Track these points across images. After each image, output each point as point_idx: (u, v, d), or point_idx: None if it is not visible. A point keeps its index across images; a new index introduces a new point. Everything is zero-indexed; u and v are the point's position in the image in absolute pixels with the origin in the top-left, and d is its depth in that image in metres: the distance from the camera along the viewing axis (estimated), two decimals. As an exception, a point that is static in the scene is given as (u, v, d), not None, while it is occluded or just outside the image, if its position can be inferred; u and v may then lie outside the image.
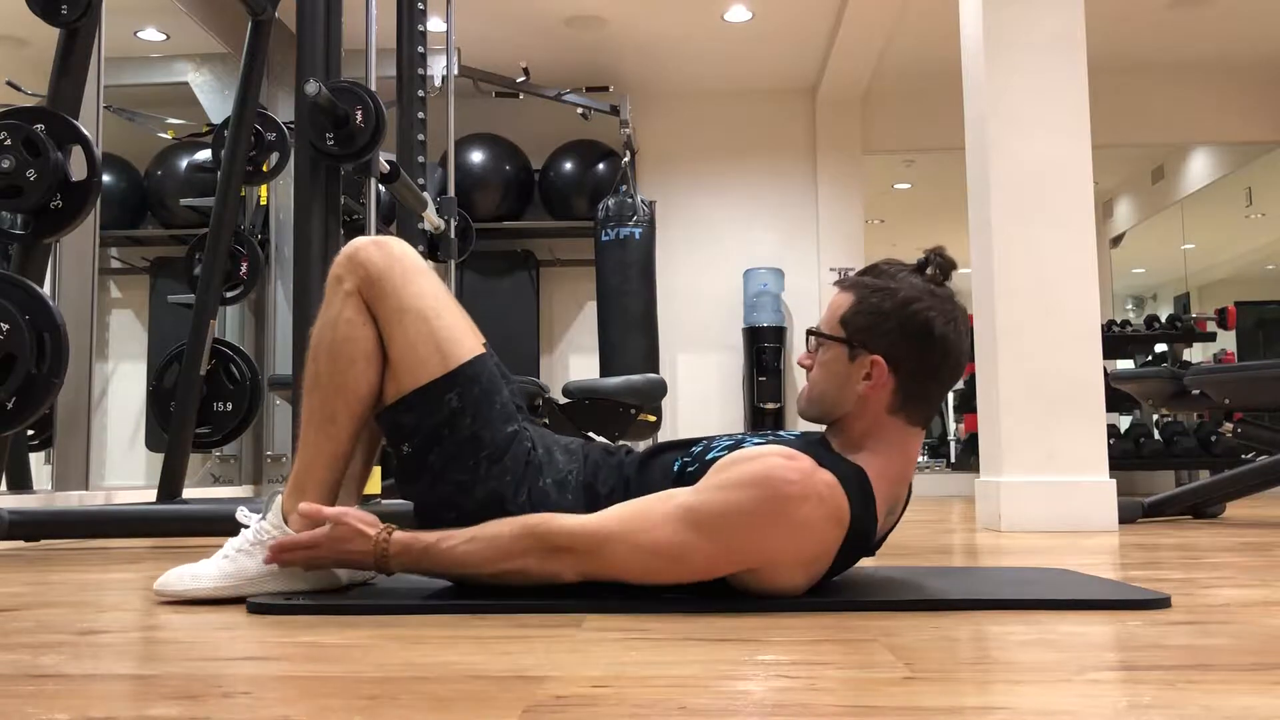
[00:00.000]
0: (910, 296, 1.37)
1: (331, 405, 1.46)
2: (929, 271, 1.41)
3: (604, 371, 5.34)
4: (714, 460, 1.36)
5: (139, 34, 5.04)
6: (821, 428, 1.47)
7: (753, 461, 1.29)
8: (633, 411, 3.87)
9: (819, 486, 1.28)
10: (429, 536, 1.36)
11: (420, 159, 3.48)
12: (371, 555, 1.36)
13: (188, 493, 3.41)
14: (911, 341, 1.36)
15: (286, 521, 1.46)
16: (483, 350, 1.49)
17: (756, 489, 1.26)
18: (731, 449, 1.38)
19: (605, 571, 1.30)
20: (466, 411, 1.43)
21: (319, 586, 1.46)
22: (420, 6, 3.55)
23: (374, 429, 1.54)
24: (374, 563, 1.37)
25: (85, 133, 2.49)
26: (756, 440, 1.42)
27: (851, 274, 1.45)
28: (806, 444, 1.39)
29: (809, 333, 1.45)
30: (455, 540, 1.34)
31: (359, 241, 1.50)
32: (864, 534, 1.34)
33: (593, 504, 1.42)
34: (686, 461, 1.44)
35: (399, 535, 1.37)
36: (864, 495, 1.33)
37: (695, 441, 1.49)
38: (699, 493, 1.30)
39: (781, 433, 1.51)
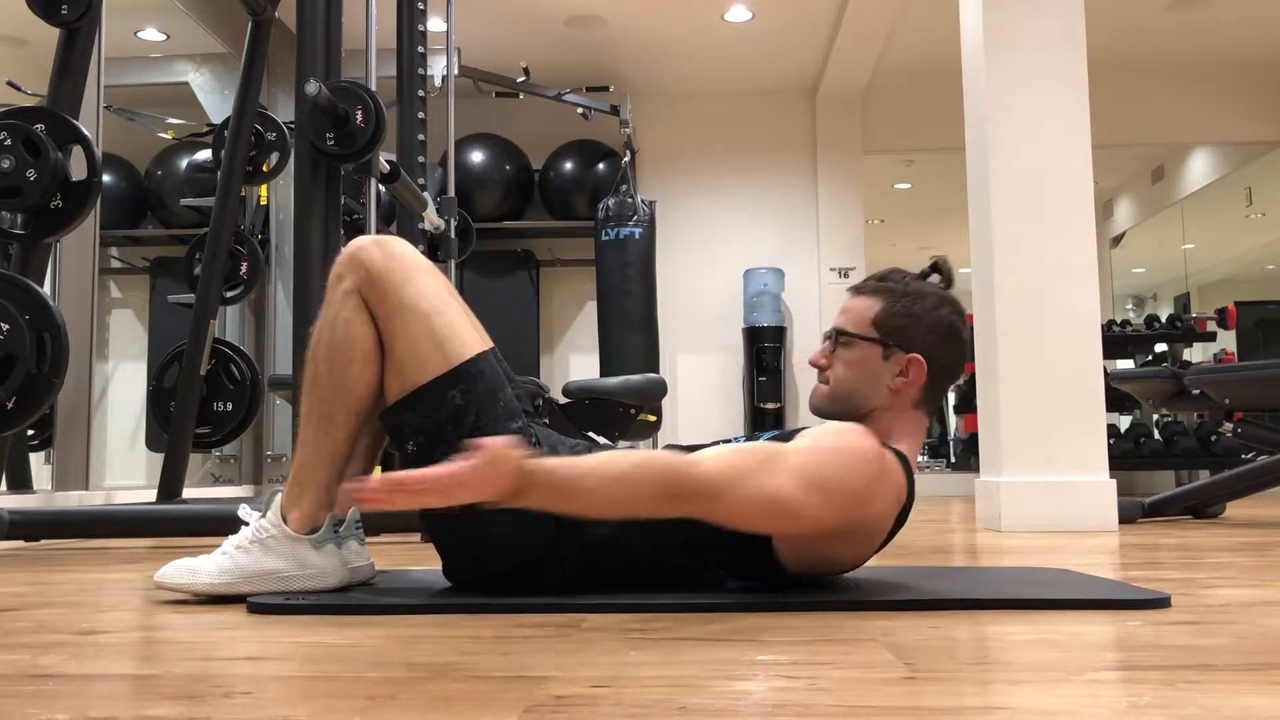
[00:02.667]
0: (937, 301, 1.50)
1: (330, 404, 1.46)
2: (936, 278, 1.54)
3: (604, 371, 5.34)
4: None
5: (139, 34, 5.04)
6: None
7: (855, 435, 1.37)
8: (633, 411, 3.87)
9: (895, 466, 1.39)
10: (567, 471, 1.24)
11: (420, 159, 3.48)
12: (511, 488, 1.21)
13: (188, 493, 3.41)
14: (940, 341, 1.48)
15: (285, 520, 1.46)
16: (485, 348, 1.48)
17: (866, 459, 1.34)
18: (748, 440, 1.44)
19: (715, 517, 1.29)
20: (470, 408, 1.43)
21: (319, 586, 1.46)
22: (420, 6, 3.55)
23: (375, 429, 1.53)
24: (509, 496, 1.21)
25: (85, 133, 2.49)
26: (777, 435, 1.47)
27: (867, 281, 1.54)
28: None
29: (838, 333, 1.50)
30: (598, 478, 1.24)
31: (360, 241, 1.50)
32: (905, 516, 1.44)
33: None
34: None
35: (542, 467, 1.22)
36: (911, 478, 1.43)
37: (702, 447, 1.50)
38: (806, 452, 1.33)
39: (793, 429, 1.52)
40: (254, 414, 3.56)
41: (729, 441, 1.53)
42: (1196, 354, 7.01)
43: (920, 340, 1.46)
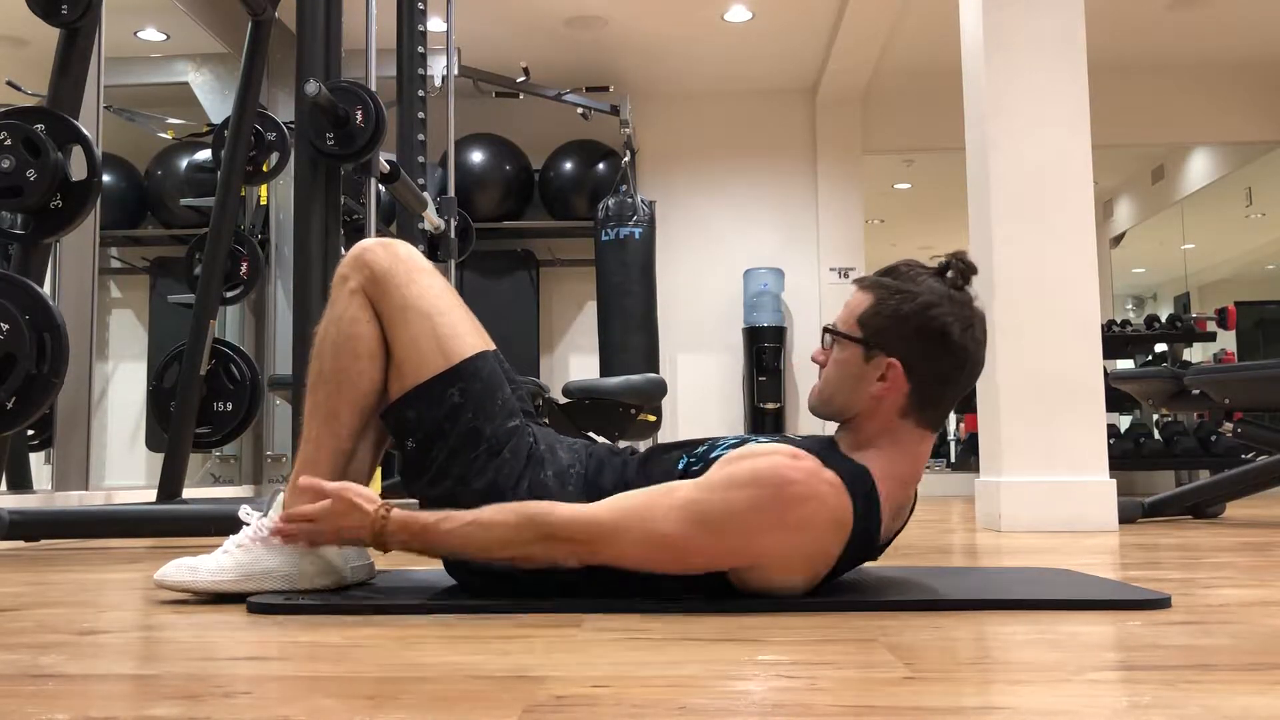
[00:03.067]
0: (929, 301, 1.36)
1: (334, 401, 1.48)
2: (949, 275, 1.40)
3: (604, 371, 5.34)
4: (718, 458, 1.36)
5: (139, 34, 5.04)
6: (831, 428, 1.47)
7: (757, 459, 1.30)
8: (633, 411, 3.87)
9: (822, 487, 1.28)
10: (429, 516, 1.35)
11: (420, 159, 3.48)
12: (369, 531, 1.36)
13: (188, 493, 3.41)
14: (928, 346, 1.35)
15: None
16: (485, 348, 1.50)
17: (759, 487, 1.26)
18: (736, 447, 1.38)
19: (604, 560, 1.31)
20: (468, 406, 1.44)
21: (319, 586, 1.46)
22: (420, 6, 3.55)
23: (378, 428, 1.54)
24: (371, 539, 1.37)
25: (85, 133, 2.49)
26: (763, 440, 1.42)
27: (872, 274, 1.44)
28: (814, 444, 1.39)
29: (825, 330, 1.44)
30: (455, 522, 1.33)
31: (365, 242, 1.53)
32: (867, 536, 1.34)
33: (594, 499, 1.42)
34: (691, 460, 1.44)
35: (398, 513, 1.36)
36: (868, 497, 1.32)
37: (700, 442, 1.49)
38: (701, 488, 1.30)
39: (790, 435, 1.51)
40: (254, 414, 3.55)
41: (697, 442, 1.51)
42: (1196, 354, 7.01)
43: (901, 343, 1.35)
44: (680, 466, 1.44)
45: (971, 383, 1.41)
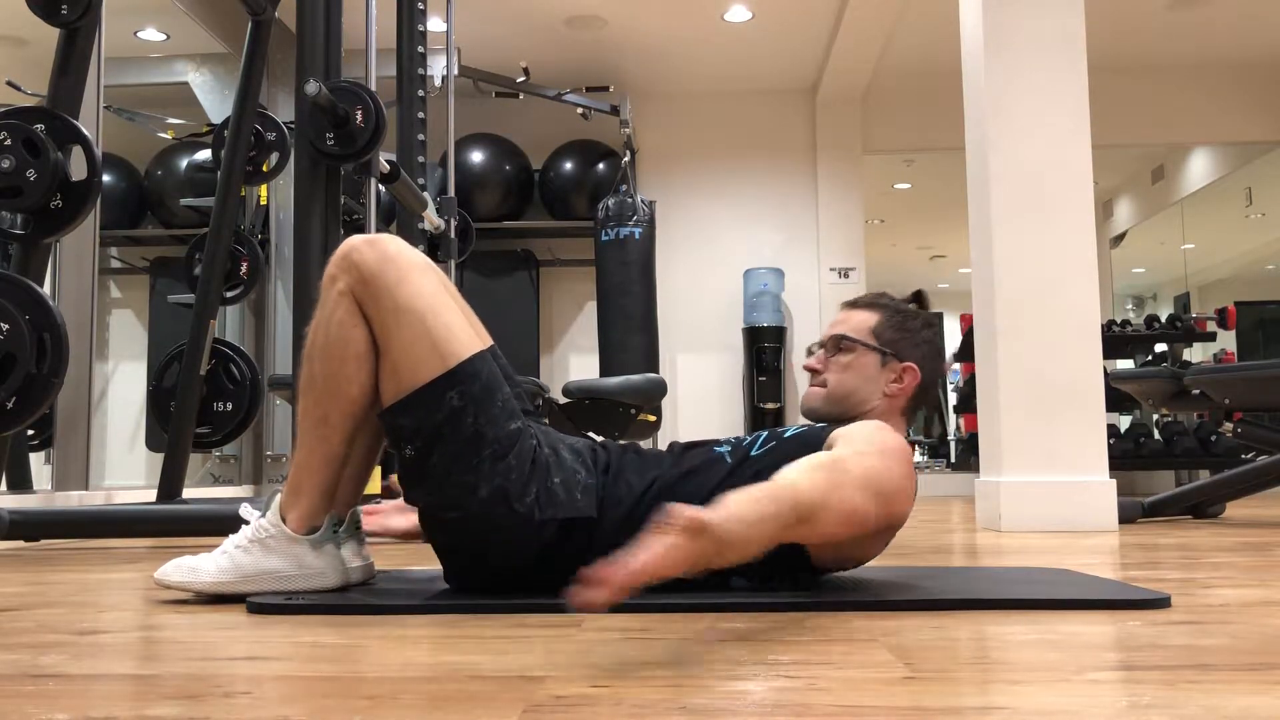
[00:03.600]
0: (927, 320, 1.65)
1: (325, 406, 1.45)
2: (916, 304, 1.68)
3: (604, 371, 5.34)
4: (764, 449, 1.48)
5: (139, 34, 5.04)
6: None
7: (890, 432, 1.46)
8: (633, 411, 3.87)
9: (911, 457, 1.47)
10: (740, 525, 1.12)
11: (420, 159, 3.48)
12: (699, 561, 1.08)
13: (188, 493, 3.41)
14: (930, 354, 1.61)
15: (284, 521, 1.46)
16: (483, 347, 1.46)
17: (903, 456, 1.42)
18: (770, 439, 1.51)
19: (808, 537, 1.30)
20: (468, 409, 1.40)
21: (319, 586, 1.46)
22: (420, 6, 3.55)
23: (374, 430, 1.52)
24: (706, 563, 1.09)
25: (85, 133, 2.49)
26: (790, 432, 1.54)
27: (863, 298, 1.68)
28: None
29: (843, 339, 1.60)
30: (759, 525, 1.16)
31: (353, 240, 1.48)
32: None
33: (605, 506, 1.42)
34: (728, 451, 1.51)
35: (727, 529, 1.10)
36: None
37: (719, 442, 1.56)
38: (865, 458, 1.37)
39: (794, 428, 1.59)
40: (254, 414, 3.56)
41: (725, 440, 1.55)
42: (1196, 354, 7.01)
43: (914, 352, 1.59)
44: (720, 451, 1.51)
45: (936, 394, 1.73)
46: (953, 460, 8.45)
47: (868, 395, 1.58)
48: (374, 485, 2.49)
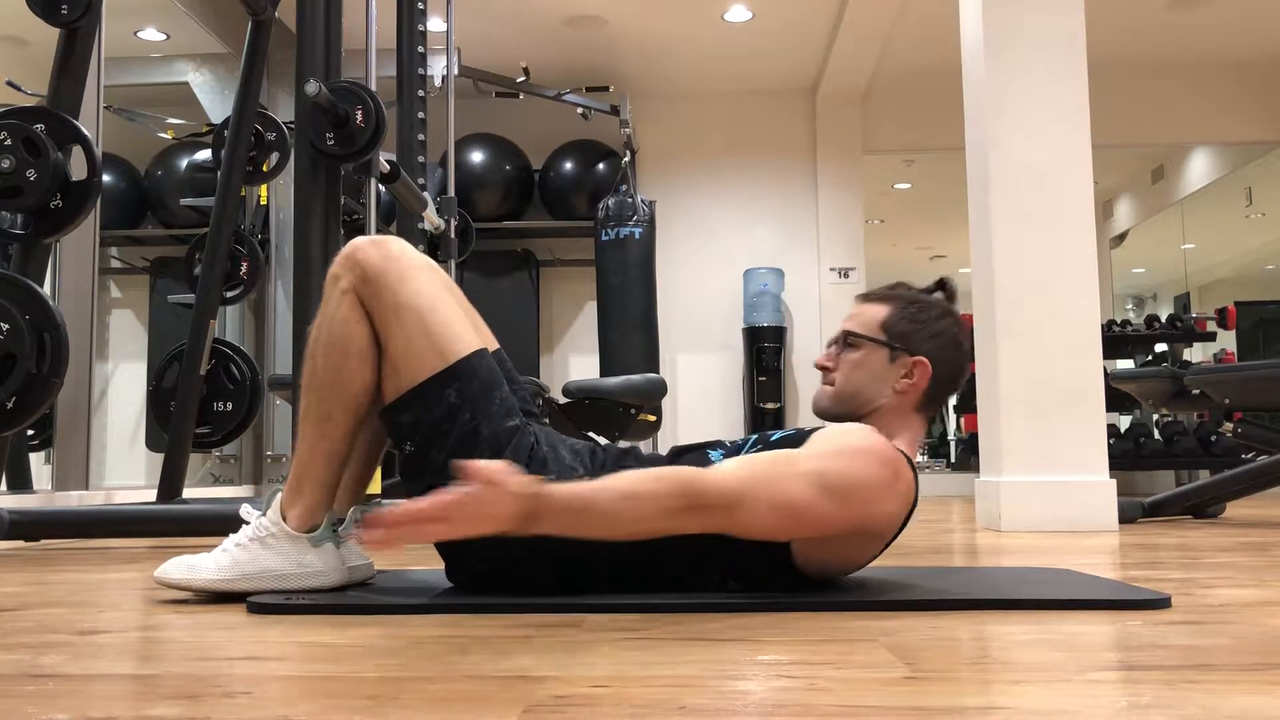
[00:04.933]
0: (941, 311, 1.56)
1: (327, 404, 1.46)
2: (940, 294, 1.60)
3: (604, 371, 5.34)
4: (755, 448, 1.45)
5: (139, 34, 5.04)
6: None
7: (863, 435, 1.40)
8: (633, 411, 3.87)
9: (903, 464, 1.40)
10: (584, 490, 1.23)
11: (420, 159, 3.48)
12: (518, 517, 1.17)
13: (188, 493, 3.41)
14: (944, 348, 1.53)
15: (285, 520, 1.46)
16: (482, 346, 1.48)
17: (875, 460, 1.36)
18: (758, 442, 1.48)
19: (732, 528, 1.30)
20: (465, 406, 1.42)
21: (317, 585, 1.46)
22: (420, 6, 3.55)
23: (375, 428, 1.54)
24: (518, 524, 1.18)
25: (85, 133, 2.49)
26: (778, 435, 1.50)
27: (877, 290, 1.61)
28: None
29: (849, 335, 1.55)
30: (611, 494, 1.23)
31: (357, 241, 1.50)
32: (912, 510, 1.45)
33: None
34: (729, 451, 1.49)
35: (559, 491, 1.20)
36: (917, 477, 1.45)
37: (717, 444, 1.54)
38: (823, 457, 1.35)
39: (803, 428, 1.56)
40: (254, 414, 3.55)
41: (720, 443, 1.55)
42: (1196, 354, 7.01)
43: (925, 346, 1.52)
44: (714, 456, 1.48)
45: (963, 384, 1.60)
46: (953, 460, 8.45)
47: (875, 393, 1.52)
48: (374, 485, 2.49)
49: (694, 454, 1.53)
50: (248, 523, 1.49)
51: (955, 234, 7.98)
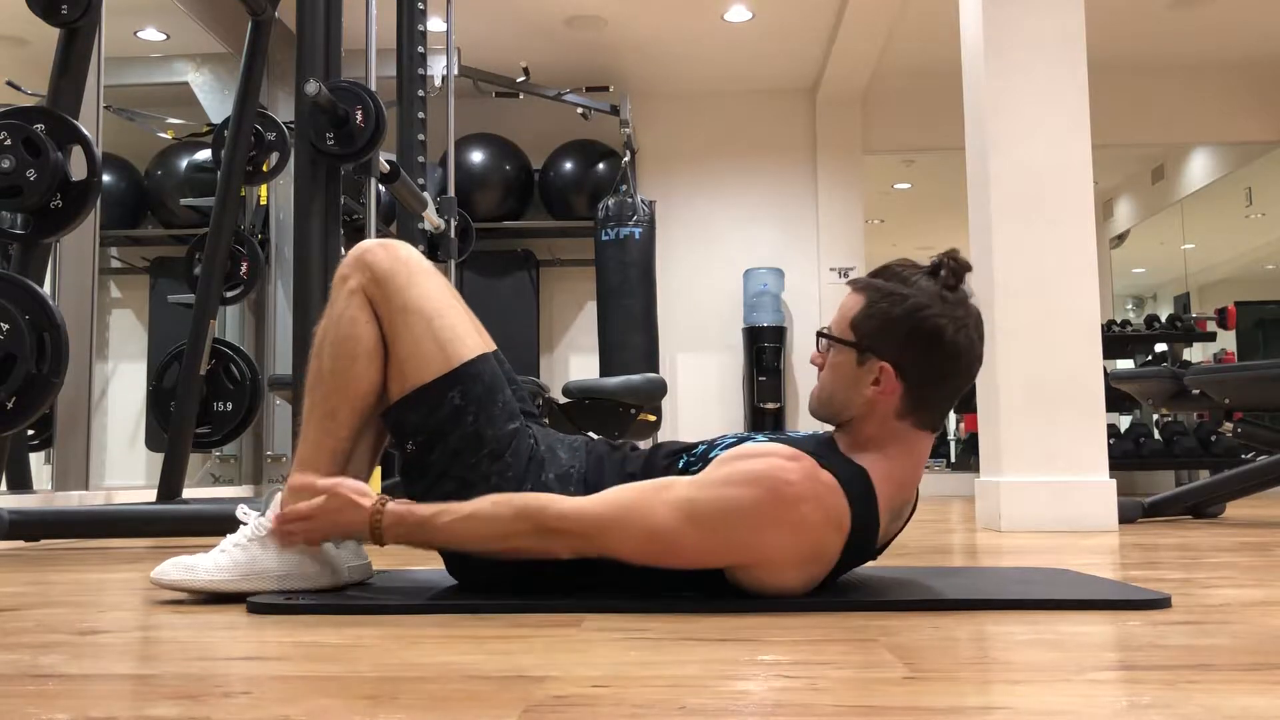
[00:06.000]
0: (920, 303, 1.35)
1: (332, 401, 1.47)
2: (942, 275, 1.38)
3: (604, 371, 5.34)
4: (716, 456, 1.36)
5: (139, 34, 5.04)
6: (831, 427, 1.46)
7: (753, 459, 1.30)
8: (633, 411, 3.87)
9: (819, 488, 1.28)
10: (425, 510, 1.37)
11: (420, 159, 3.48)
12: (366, 526, 1.38)
13: (188, 493, 3.41)
14: (920, 348, 1.34)
15: (285, 520, 1.47)
16: (486, 350, 1.50)
17: (755, 486, 1.27)
18: (735, 445, 1.39)
19: (597, 553, 1.32)
20: (469, 409, 1.44)
21: (317, 586, 1.46)
22: (420, 6, 3.55)
23: (377, 427, 1.54)
24: (369, 533, 1.38)
25: (85, 133, 2.49)
26: (762, 439, 1.42)
27: (866, 275, 1.43)
28: (813, 444, 1.38)
29: (819, 334, 1.43)
30: (452, 515, 1.35)
31: (366, 243, 1.52)
32: (865, 537, 1.34)
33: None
34: (691, 459, 1.45)
35: (394, 506, 1.38)
36: (866, 498, 1.32)
37: (700, 443, 1.50)
38: (697, 485, 1.31)
39: (791, 432, 1.51)
40: (254, 414, 3.56)
41: (692, 447, 1.50)
42: (1196, 354, 7.01)
43: (893, 346, 1.34)
44: (680, 465, 1.45)
45: (969, 381, 1.41)
46: (953, 460, 8.45)
47: (847, 400, 1.38)
48: (374, 484, 2.49)
49: (674, 455, 1.48)
50: (244, 523, 1.49)
51: (955, 234, 7.97)
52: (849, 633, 1.16)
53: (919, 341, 1.34)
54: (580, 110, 5.74)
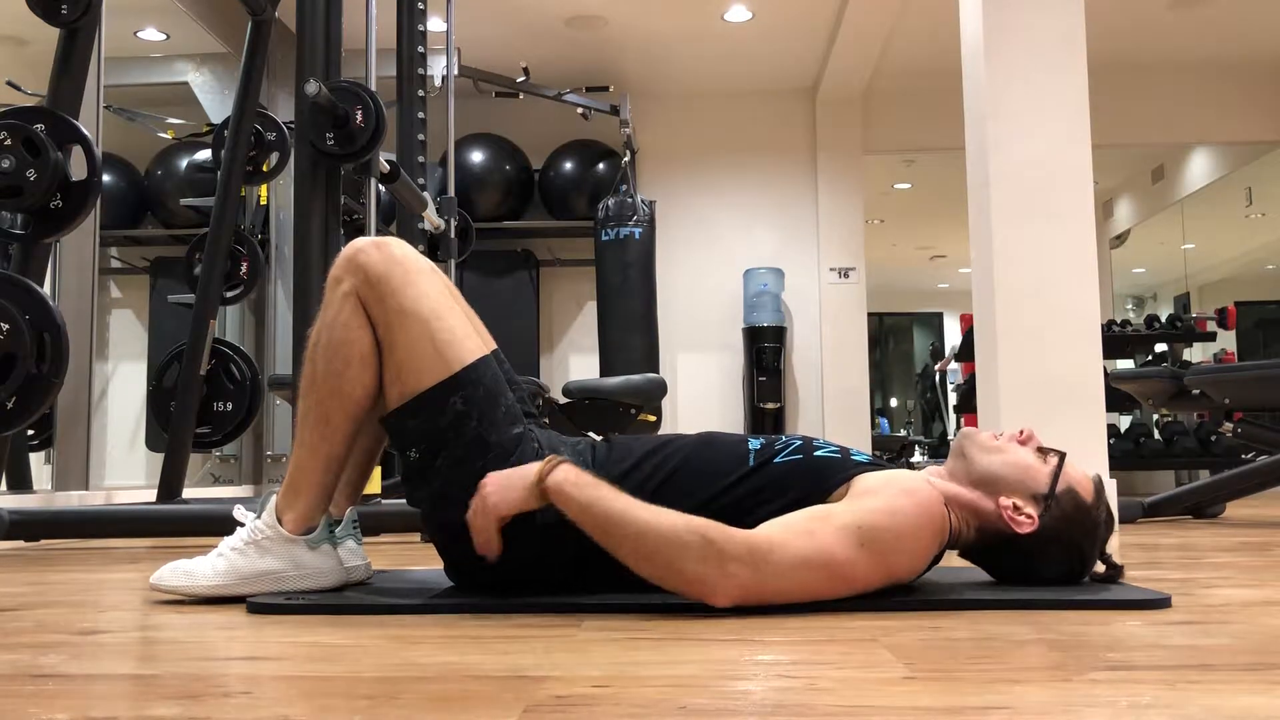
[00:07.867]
0: (1085, 528, 1.46)
1: (326, 407, 1.44)
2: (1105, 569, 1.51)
3: (604, 371, 5.34)
4: (786, 460, 1.41)
5: (139, 34, 5.04)
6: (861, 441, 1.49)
7: (913, 487, 1.38)
8: (633, 411, 3.87)
9: (943, 512, 1.39)
10: (601, 480, 1.31)
11: (420, 159, 3.48)
12: (534, 480, 1.30)
13: (188, 493, 3.41)
14: (1057, 532, 1.43)
15: (280, 521, 1.45)
16: (486, 352, 1.47)
17: (923, 515, 1.35)
18: (803, 449, 1.44)
19: (765, 585, 1.27)
20: (471, 414, 1.41)
21: (315, 586, 1.46)
22: (420, 6, 3.55)
23: (373, 431, 1.53)
24: (534, 484, 1.30)
25: (85, 133, 2.49)
26: (834, 448, 1.46)
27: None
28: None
29: (1042, 447, 1.50)
30: (630, 501, 1.29)
31: (359, 243, 1.48)
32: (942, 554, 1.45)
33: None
34: (761, 449, 1.45)
35: (568, 464, 1.32)
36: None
37: (755, 437, 1.50)
38: (864, 512, 1.32)
39: (854, 452, 1.50)
40: (254, 414, 3.55)
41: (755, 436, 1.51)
42: (1196, 354, 7.01)
43: (1051, 517, 1.42)
44: (754, 446, 1.45)
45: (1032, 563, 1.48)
46: (953, 460, 8.43)
47: (1002, 490, 1.43)
48: (374, 485, 2.49)
49: (728, 441, 1.49)
50: (242, 524, 1.49)
51: (955, 234, 7.98)
52: (849, 633, 1.16)
53: (1057, 529, 1.43)
54: (580, 110, 5.74)
